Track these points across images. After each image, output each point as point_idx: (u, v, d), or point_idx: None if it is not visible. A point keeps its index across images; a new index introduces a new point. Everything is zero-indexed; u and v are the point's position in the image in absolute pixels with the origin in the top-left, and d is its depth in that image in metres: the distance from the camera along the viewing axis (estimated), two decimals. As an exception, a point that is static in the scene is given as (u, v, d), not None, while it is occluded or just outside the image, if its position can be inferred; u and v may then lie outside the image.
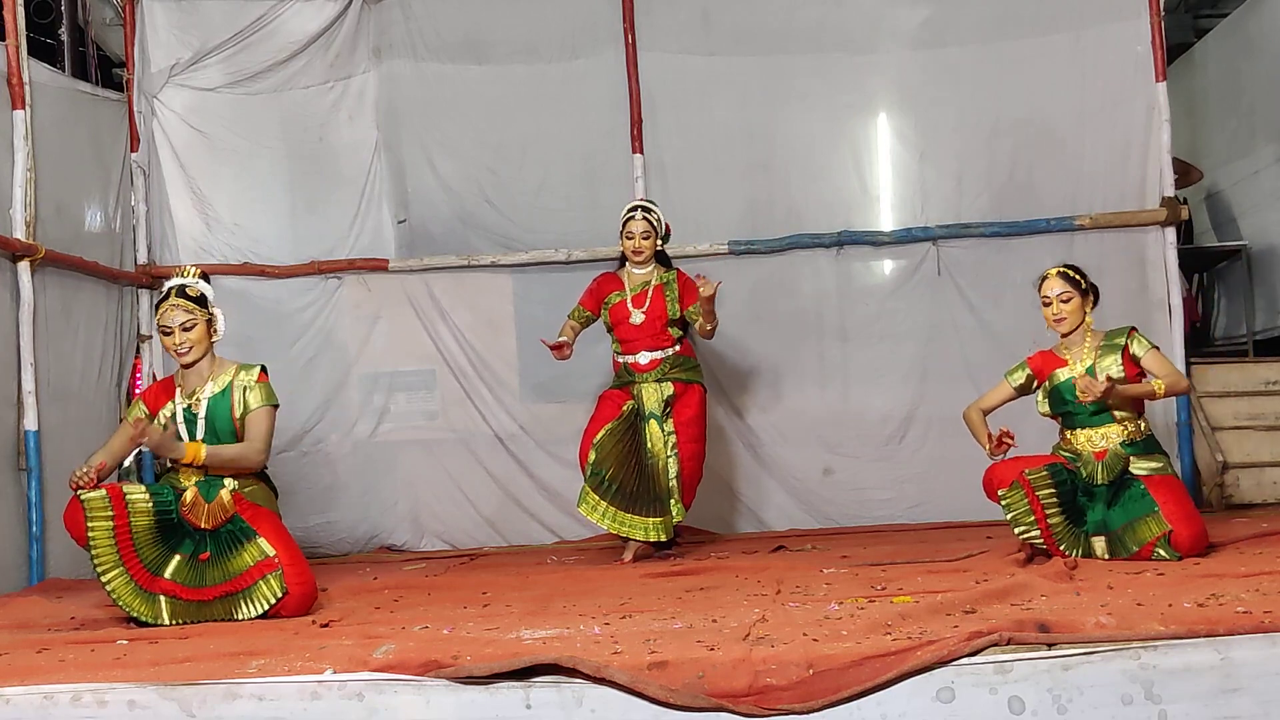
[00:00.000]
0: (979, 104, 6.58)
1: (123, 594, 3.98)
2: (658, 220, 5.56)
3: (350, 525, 6.58)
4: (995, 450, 4.57)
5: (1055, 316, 4.62)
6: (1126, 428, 4.54)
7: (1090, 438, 4.55)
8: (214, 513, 4.12)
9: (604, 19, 6.71)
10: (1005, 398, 4.79)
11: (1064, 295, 4.60)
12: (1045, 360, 4.71)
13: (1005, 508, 4.43)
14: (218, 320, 4.31)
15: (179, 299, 4.23)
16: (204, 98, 6.66)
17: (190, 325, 4.21)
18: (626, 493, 5.32)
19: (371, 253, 6.71)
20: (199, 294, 4.28)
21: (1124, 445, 4.52)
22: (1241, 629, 2.75)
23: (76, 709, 2.85)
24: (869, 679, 2.70)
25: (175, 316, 4.21)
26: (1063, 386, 4.60)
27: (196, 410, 4.23)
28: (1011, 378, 4.78)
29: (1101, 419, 4.55)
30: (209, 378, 4.28)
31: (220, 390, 4.26)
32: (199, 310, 4.24)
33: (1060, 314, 4.61)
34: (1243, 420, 6.54)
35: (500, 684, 2.79)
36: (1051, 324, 4.65)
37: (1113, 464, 4.48)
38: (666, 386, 5.48)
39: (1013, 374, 4.78)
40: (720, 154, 6.70)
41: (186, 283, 4.30)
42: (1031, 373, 4.73)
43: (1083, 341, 4.64)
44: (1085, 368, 4.57)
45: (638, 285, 5.55)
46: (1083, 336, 4.64)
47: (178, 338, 4.21)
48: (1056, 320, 4.62)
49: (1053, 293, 4.62)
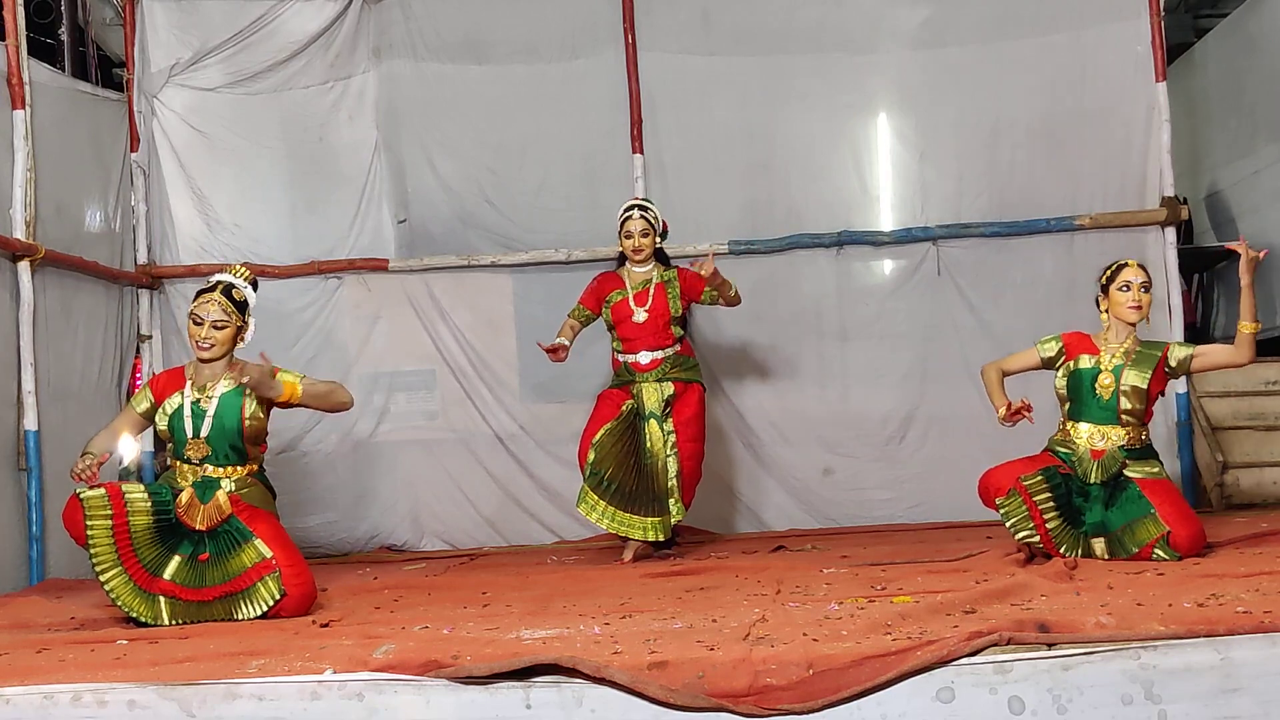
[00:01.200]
0: (979, 104, 6.58)
1: (122, 594, 3.98)
2: (655, 218, 5.57)
3: (350, 525, 6.58)
4: (1008, 418, 4.51)
5: (1133, 304, 4.53)
6: (1129, 433, 4.53)
7: (1091, 434, 4.54)
8: (209, 514, 4.12)
9: (604, 19, 6.71)
10: (1029, 364, 4.73)
11: (1145, 284, 4.55)
12: (1079, 341, 4.66)
13: (1004, 516, 4.42)
14: (248, 329, 4.32)
15: (222, 297, 4.25)
16: (204, 98, 6.66)
17: (222, 325, 4.23)
18: (625, 492, 5.32)
19: (371, 253, 6.71)
20: (242, 299, 4.30)
21: (1122, 449, 4.51)
22: (1241, 629, 2.76)
23: (76, 709, 2.85)
24: (869, 679, 2.70)
25: (211, 312, 4.23)
26: (1085, 372, 4.56)
27: (206, 406, 4.23)
28: (1043, 347, 4.71)
29: (1108, 417, 4.53)
30: (222, 375, 4.29)
31: (233, 388, 4.26)
32: (236, 315, 4.25)
33: (1139, 302, 4.54)
34: (1243, 420, 6.53)
35: (500, 684, 2.79)
36: (1126, 311, 4.54)
37: (1108, 465, 4.48)
38: (667, 386, 5.48)
39: (1045, 344, 4.71)
40: (720, 154, 6.69)
41: (235, 283, 4.32)
42: (1063, 347, 4.66)
43: (1123, 342, 4.60)
44: (1114, 366, 4.53)
45: (639, 284, 5.55)
46: (1127, 336, 4.60)
47: (205, 332, 4.22)
48: (1134, 307, 4.54)
49: (1136, 280, 4.54)
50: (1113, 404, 4.50)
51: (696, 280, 5.44)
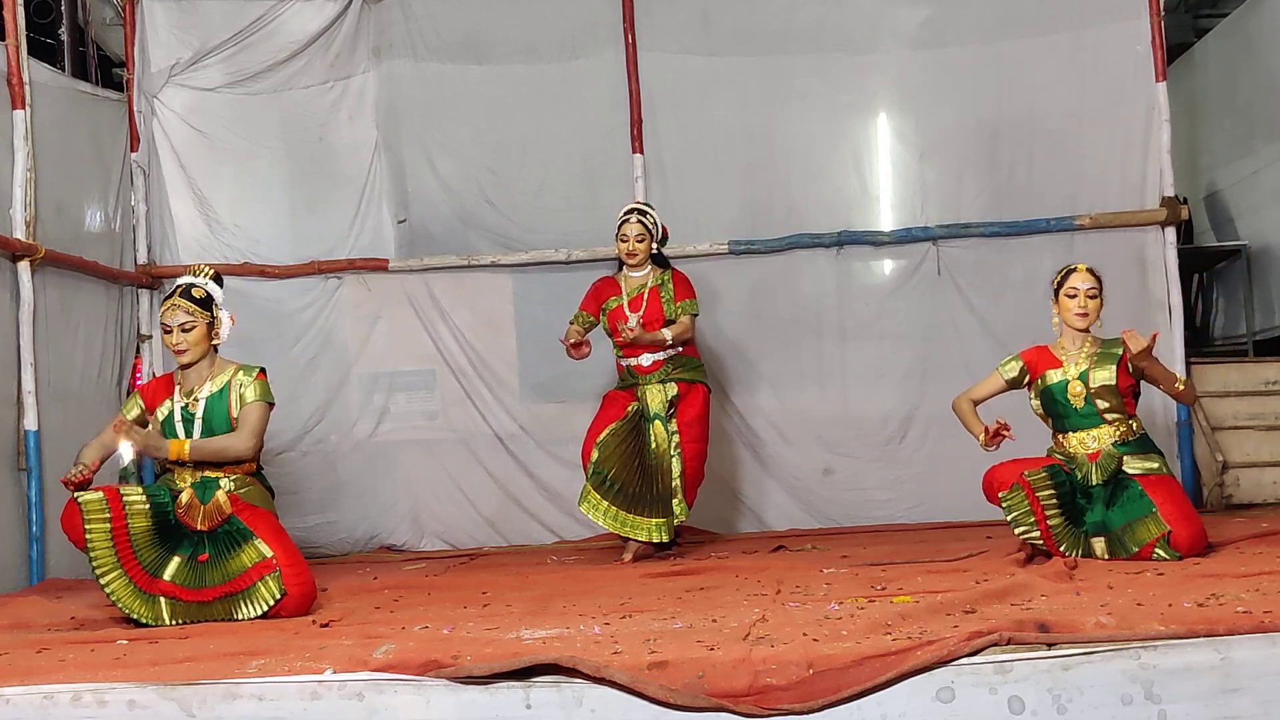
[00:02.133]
0: (979, 104, 6.58)
1: (122, 596, 3.98)
2: (653, 223, 5.57)
3: (350, 525, 6.58)
4: (990, 442, 4.53)
5: (1079, 310, 4.55)
6: (1118, 429, 4.53)
7: (1083, 440, 4.55)
8: (210, 514, 4.12)
9: (604, 19, 6.71)
10: (996, 389, 4.75)
11: (1092, 291, 4.56)
12: (1040, 357, 4.67)
13: (1006, 509, 4.43)
14: (220, 323, 4.30)
15: (181, 299, 4.22)
16: (204, 98, 6.66)
17: (189, 327, 4.21)
18: (629, 493, 5.33)
19: (371, 253, 6.71)
20: (204, 295, 4.27)
21: (1117, 445, 4.52)
22: (1241, 629, 2.75)
23: (76, 709, 2.85)
24: (869, 679, 2.70)
25: (175, 317, 4.21)
26: (1054, 388, 4.58)
27: (194, 410, 4.23)
28: (1004, 369, 4.73)
29: (1092, 420, 4.54)
30: (208, 378, 4.28)
31: (218, 390, 4.26)
32: (200, 312, 4.23)
33: (1086, 309, 4.55)
34: (1243, 420, 6.53)
35: (500, 684, 2.79)
36: (1072, 318, 4.57)
37: (1106, 464, 4.48)
38: (670, 387, 5.49)
39: (1005, 365, 4.74)
40: (720, 154, 6.69)
41: (195, 283, 4.30)
42: (1025, 366, 4.68)
43: (1081, 346, 4.62)
44: (1079, 373, 4.55)
45: (635, 289, 5.56)
46: (1083, 341, 4.63)
47: (175, 337, 4.22)
48: (1080, 314, 4.56)
49: (1082, 286, 4.56)
50: (1090, 408, 4.52)
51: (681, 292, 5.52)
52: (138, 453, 4.09)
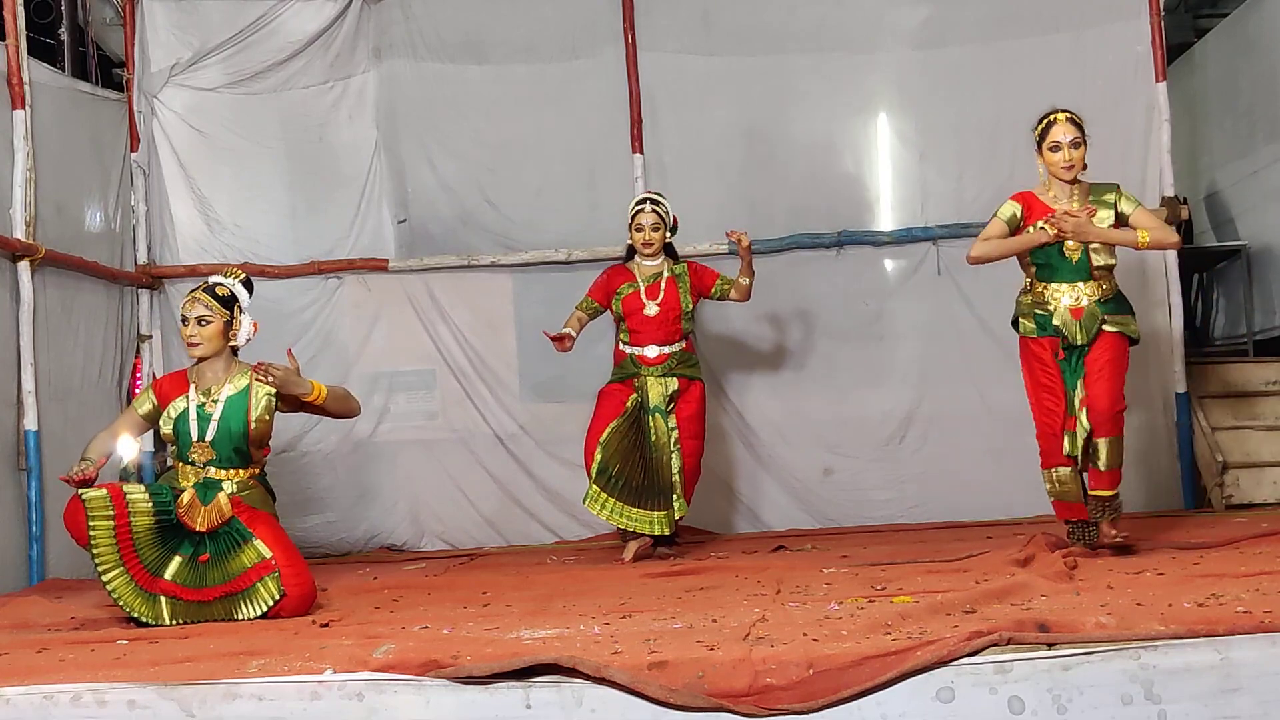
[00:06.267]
0: (979, 104, 6.58)
1: (124, 594, 3.98)
2: (666, 213, 5.59)
3: (350, 525, 6.58)
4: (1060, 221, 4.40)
5: (1065, 163, 4.47)
6: (1102, 286, 4.53)
7: (1068, 293, 4.52)
8: (210, 515, 4.13)
9: (604, 19, 6.71)
10: (999, 234, 4.63)
11: (1075, 141, 4.48)
12: (1033, 203, 4.58)
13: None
14: (240, 325, 4.31)
15: (203, 294, 4.27)
16: (204, 98, 6.66)
17: (206, 321, 4.23)
18: (633, 488, 5.37)
19: (371, 253, 6.71)
20: (227, 294, 4.30)
21: (1099, 303, 4.51)
22: (1241, 629, 2.75)
23: (76, 709, 2.85)
24: (869, 679, 2.70)
25: (194, 309, 4.25)
26: None
27: (211, 410, 4.23)
28: (1002, 212, 4.62)
29: (1080, 274, 4.51)
30: (226, 379, 4.29)
31: (238, 392, 4.27)
32: (220, 310, 4.25)
33: (1071, 160, 4.47)
34: (1243, 420, 6.53)
35: (500, 684, 2.79)
36: (1059, 171, 4.49)
37: (1089, 324, 4.50)
38: (671, 382, 5.51)
39: (1003, 209, 4.63)
40: (720, 154, 6.70)
41: (221, 281, 4.34)
42: (1021, 208, 4.59)
43: (1071, 195, 4.54)
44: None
45: (649, 277, 5.57)
46: (1072, 190, 4.54)
47: (190, 329, 4.25)
48: (1066, 167, 4.48)
49: (1065, 139, 4.47)
50: (1084, 263, 4.50)
51: (707, 274, 5.56)
52: (137, 453, 4.10)
